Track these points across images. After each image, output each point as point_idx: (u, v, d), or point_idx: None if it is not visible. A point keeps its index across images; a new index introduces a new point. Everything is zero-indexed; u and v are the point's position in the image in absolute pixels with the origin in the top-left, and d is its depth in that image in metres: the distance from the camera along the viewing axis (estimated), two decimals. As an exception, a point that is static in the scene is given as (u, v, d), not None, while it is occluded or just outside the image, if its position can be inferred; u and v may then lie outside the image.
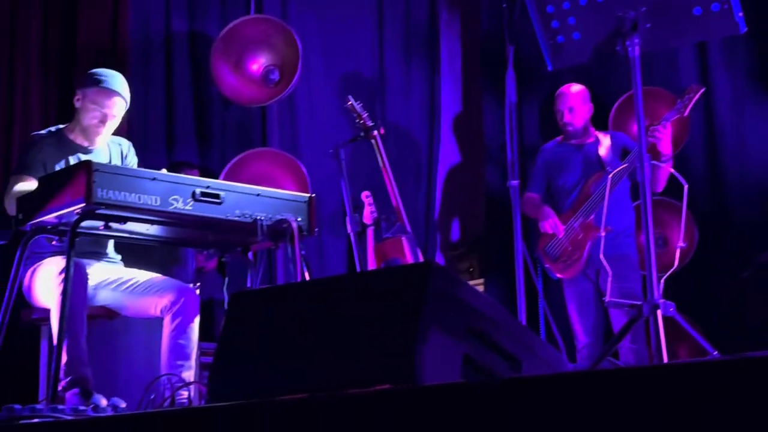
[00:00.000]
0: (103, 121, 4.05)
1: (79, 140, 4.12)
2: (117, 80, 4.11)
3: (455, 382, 1.98)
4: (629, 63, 3.62)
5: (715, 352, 3.71)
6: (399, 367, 2.12)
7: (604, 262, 4.12)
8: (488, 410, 1.67)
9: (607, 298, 4.53)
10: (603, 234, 4.23)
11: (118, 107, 4.09)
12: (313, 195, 3.93)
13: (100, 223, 3.49)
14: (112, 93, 4.06)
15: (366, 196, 5.53)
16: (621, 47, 3.59)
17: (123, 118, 4.23)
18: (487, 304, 2.41)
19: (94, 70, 4.15)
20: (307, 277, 3.93)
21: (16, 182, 3.84)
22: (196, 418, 1.98)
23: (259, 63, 5.85)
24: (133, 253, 4.28)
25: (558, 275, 5.38)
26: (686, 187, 4.13)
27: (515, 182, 4.18)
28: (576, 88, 5.55)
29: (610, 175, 4.80)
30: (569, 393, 1.65)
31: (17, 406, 3.00)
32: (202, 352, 4.06)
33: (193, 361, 3.87)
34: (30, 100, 5.49)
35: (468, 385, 1.64)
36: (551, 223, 5.36)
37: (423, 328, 2.17)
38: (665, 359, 3.41)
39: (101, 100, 4.04)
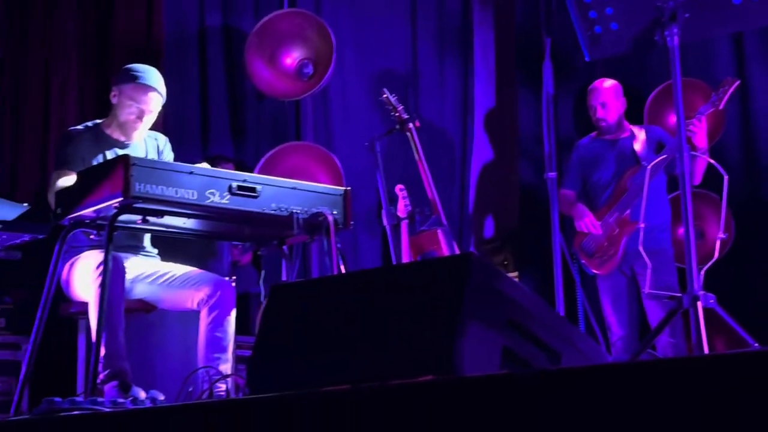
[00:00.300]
0: (140, 116, 4.07)
1: (116, 135, 4.14)
2: (153, 75, 4.12)
3: (499, 372, 1.97)
4: (666, 54, 3.59)
5: (756, 344, 3.67)
6: (439, 359, 2.12)
7: (644, 254, 4.09)
8: (529, 401, 1.66)
9: (646, 290, 4.50)
10: (642, 225, 4.19)
11: (155, 102, 4.10)
12: (349, 188, 3.92)
13: (137, 217, 3.50)
14: (148, 88, 4.07)
15: (400, 190, 5.52)
16: (659, 37, 3.56)
17: (158, 112, 4.25)
18: (526, 296, 2.39)
19: (130, 66, 4.16)
20: (343, 271, 3.93)
21: (59, 177, 3.87)
22: (237, 410, 1.99)
23: (293, 57, 5.86)
24: (170, 247, 4.30)
25: (594, 271, 5.36)
26: (726, 178, 4.09)
27: (552, 174, 4.16)
28: (608, 83, 5.51)
29: (649, 166, 4.76)
30: (610, 384, 1.64)
31: (57, 399, 3.02)
32: (237, 345, 4.07)
33: (230, 354, 3.88)
34: (66, 96, 5.54)
35: (511, 376, 1.63)
36: (586, 223, 5.33)
37: (463, 320, 2.16)
38: (706, 350, 3.38)
39: (138, 96, 4.06)
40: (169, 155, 4.31)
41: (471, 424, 1.63)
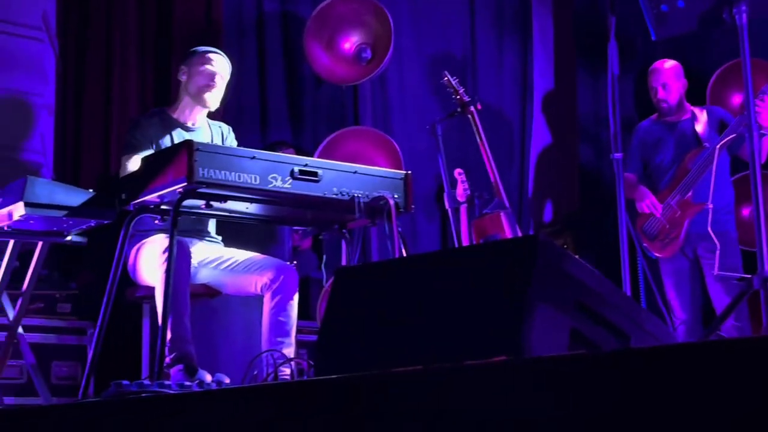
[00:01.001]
0: (212, 78, 4.16)
1: (183, 118, 4.19)
2: (218, 50, 4.31)
3: (576, 353, 1.95)
4: (728, 34, 3.54)
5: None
6: (507, 342, 2.11)
7: (713, 236, 4.03)
8: (602, 381, 1.64)
9: (715, 272, 4.45)
10: (710, 207, 4.14)
11: (222, 64, 4.25)
12: (409, 172, 3.92)
13: (201, 202, 3.53)
14: (216, 54, 4.25)
15: (458, 174, 5.49)
16: (728, 15, 3.50)
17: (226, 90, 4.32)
18: (594, 278, 2.37)
19: (194, 48, 4.28)
20: (404, 254, 3.92)
21: (128, 162, 3.92)
22: (307, 392, 1.99)
23: (351, 42, 5.86)
24: (232, 233, 4.33)
25: (656, 254, 5.31)
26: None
27: (618, 155, 4.11)
28: (669, 63, 5.45)
29: (718, 146, 4.70)
30: (683, 365, 1.62)
31: (125, 382, 3.06)
32: (297, 329, 4.09)
33: (293, 338, 3.90)
34: (127, 83, 5.59)
35: (587, 357, 1.62)
36: (648, 203, 5.28)
37: (531, 302, 2.15)
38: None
39: (207, 61, 4.22)
40: (233, 144, 4.34)
41: (543, 404, 1.62)
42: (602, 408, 1.63)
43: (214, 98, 4.21)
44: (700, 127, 5.33)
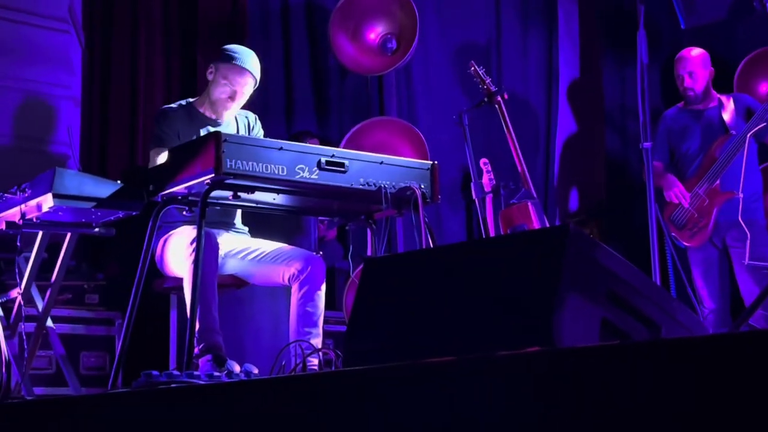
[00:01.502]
0: (232, 97, 4.10)
1: (208, 113, 4.18)
2: (250, 59, 4.14)
3: (610, 343, 1.94)
4: (762, 20, 3.51)
5: None
6: (538, 332, 2.10)
7: (743, 225, 4.01)
8: (639, 372, 1.63)
9: (746, 262, 4.42)
10: (741, 196, 4.11)
11: (248, 86, 4.13)
12: (436, 162, 3.91)
13: (228, 193, 3.53)
14: (243, 71, 4.09)
15: (484, 163, 5.48)
16: (758, 3, 3.47)
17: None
18: (625, 268, 2.36)
19: (229, 46, 4.18)
20: (431, 245, 3.92)
21: (157, 155, 3.92)
22: (339, 382, 1.99)
23: (376, 32, 5.85)
24: (258, 224, 4.34)
25: (685, 243, 5.28)
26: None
27: (648, 144, 4.09)
28: (696, 51, 5.41)
29: (749, 135, 4.66)
30: (712, 355, 1.61)
31: (155, 372, 3.07)
32: (324, 320, 4.10)
33: (320, 329, 3.91)
34: (153, 74, 5.60)
35: (621, 347, 1.61)
36: (676, 192, 5.26)
37: (562, 292, 2.14)
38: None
39: (232, 77, 4.08)
40: (259, 132, 4.34)
41: (579, 394, 1.61)
42: (635, 400, 1.62)
43: (229, 113, 4.18)
44: (727, 115, 5.29)
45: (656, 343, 1.89)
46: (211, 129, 4.09)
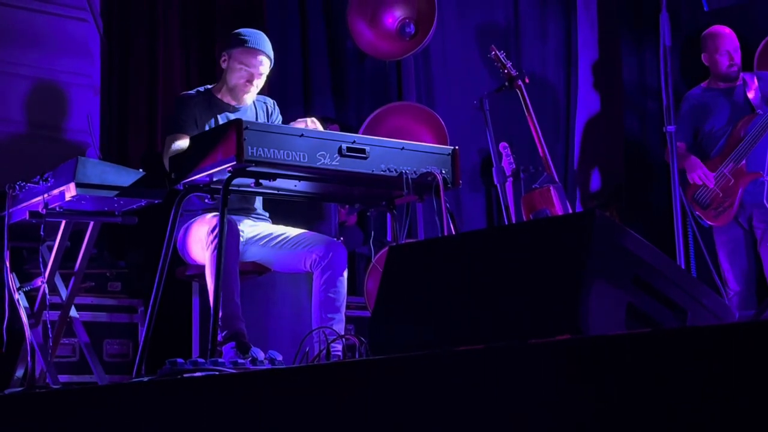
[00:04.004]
0: (250, 80, 4.09)
1: (227, 99, 4.17)
2: (261, 39, 4.14)
3: (643, 330, 1.94)
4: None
5: None
6: (564, 318, 2.10)
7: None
8: (673, 359, 1.63)
9: None
10: (766, 179, 4.08)
11: (264, 66, 4.12)
12: (456, 147, 3.90)
13: (250, 181, 3.53)
14: (257, 52, 4.09)
15: (503, 148, 5.46)
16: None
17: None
18: (651, 253, 2.35)
19: (238, 31, 4.18)
20: (453, 230, 3.92)
21: (173, 141, 3.91)
22: (369, 370, 2.00)
23: (394, 16, 5.83)
24: (279, 210, 4.34)
25: (709, 223, 5.24)
26: None
27: (672, 128, 4.06)
28: (727, 29, 5.38)
29: None
30: (738, 343, 1.60)
31: (180, 360, 3.08)
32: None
33: (342, 314, 3.91)
34: (171, 61, 5.61)
35: (654, 334, 1.61)
36: (699, 174, 5.21)
37: (588, 278, 2.14)
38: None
39: (247, 59, 4.08)
40: (278, 118, 4.33)
41: (610, 382, 1.61)
42: (667, 387, 1.61)
43: (250, 96, 4.18)
44: (752, 94, 5.25)
45: (685, 331, 1.89)
46: (230, 116, 4.09)
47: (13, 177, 3.90)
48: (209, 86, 4.22)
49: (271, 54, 4.15)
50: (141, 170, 3.77)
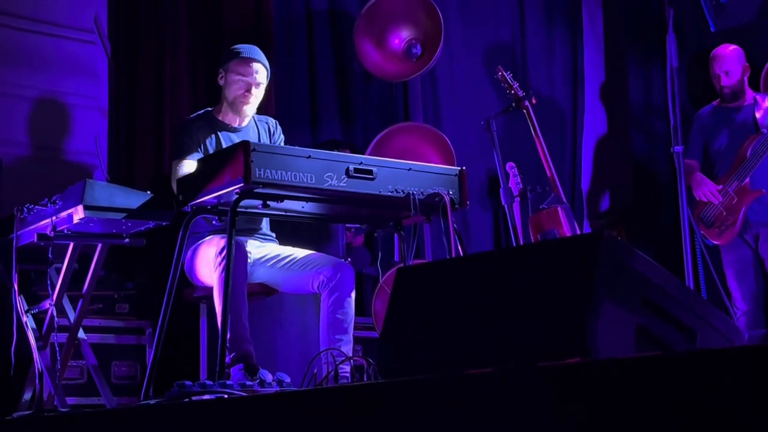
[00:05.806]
0: (248, 89, 4.14)
1: (228, 119, 4.20)
2: (254, 49, 4.24)
3: (653, 354, 1.93)
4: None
5: None
6: (573, 341, 2.09)
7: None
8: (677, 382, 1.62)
9: None
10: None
11: (260, 74, 4.17)
12: (464, 168, 3.90)
13: (257, 202, 3.53)
14: (251, 60, 4.17)
15: (511, 168, 5.47)
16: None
17: (267, 95, 4.29)
18: (660, 274, 2.34)
19: (231, 47, 4.27)
20: (461, 251, 3.91)
21: (178, 166, 3.94)
22: (380, 393, 1.99)
23: (400, 38, 5.84)
24: (286, 231, 4.35)
25: (714, 241, 5.25)
26: None
27: (679, 148, 4.07)
28: (731, 48, 5.39)
29: None
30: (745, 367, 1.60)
31: (188, 383, 3.08)
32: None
33: (351, 335, 3.91)
34: (179, 83, 5.61)
35: (665, 358, 1.60)
36: (705, 191, 5.23)
37: (596, 300, 2.13)
38: None
39: (243, 69, 4.14)
40: (280, 138, 4.35)
41: (622, 406, 1.60)
42: (677, 409, 1.61)
43: (250, 108, 4.21)
44: (760, 114, 5.26)
45: (696, 354, 1.88)
46: (231, 136, 4.11)
47: (20, 199, 3.91)
48: (209, 108, 4.25)
49: (267, 63, 4.21)
50: (149, 192, 3.78)
